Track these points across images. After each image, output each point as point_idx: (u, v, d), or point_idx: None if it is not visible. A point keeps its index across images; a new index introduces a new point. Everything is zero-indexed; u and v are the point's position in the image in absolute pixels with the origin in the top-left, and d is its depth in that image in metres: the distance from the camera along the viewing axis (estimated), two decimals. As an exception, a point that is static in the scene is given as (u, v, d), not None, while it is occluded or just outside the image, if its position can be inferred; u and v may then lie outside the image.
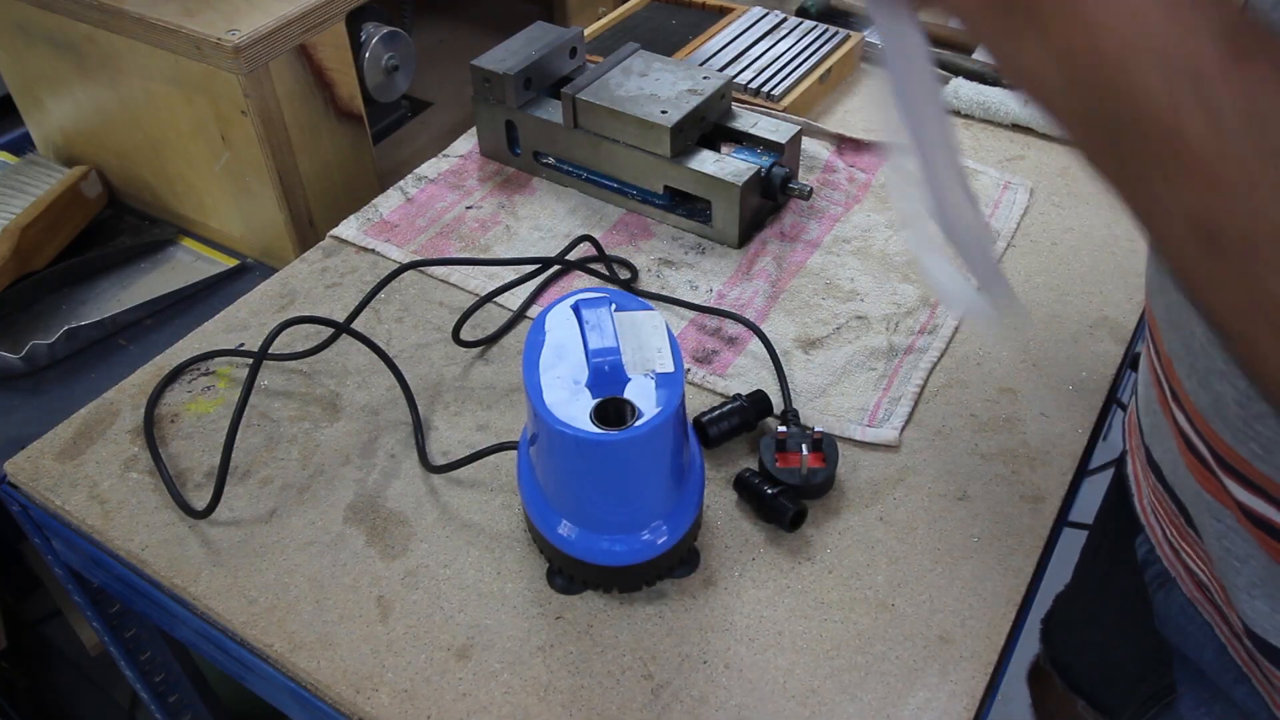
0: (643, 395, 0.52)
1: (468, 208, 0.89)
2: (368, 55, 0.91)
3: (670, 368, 0.54)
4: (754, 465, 0.66)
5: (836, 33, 1.05)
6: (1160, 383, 0.54)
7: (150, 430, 0.69)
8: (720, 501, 0.65)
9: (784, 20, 1.07)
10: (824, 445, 0.65)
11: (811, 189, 0.85)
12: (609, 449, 0.51)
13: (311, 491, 0.66)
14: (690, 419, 0.63)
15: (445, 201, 0.90)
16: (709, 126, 0.87)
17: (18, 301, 0.87)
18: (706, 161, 0.83)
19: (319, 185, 0.89)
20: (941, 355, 0.75)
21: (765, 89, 0.97)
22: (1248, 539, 0.48)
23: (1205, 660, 0.60)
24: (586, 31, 1.03)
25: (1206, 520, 0.52)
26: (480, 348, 0.76)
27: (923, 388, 0.72)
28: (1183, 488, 0.55)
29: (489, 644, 0.57)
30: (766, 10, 1.09)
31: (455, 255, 0.84)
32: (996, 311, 0.47)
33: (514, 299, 0.80)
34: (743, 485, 0.64)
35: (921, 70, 0.44)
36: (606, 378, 0.53)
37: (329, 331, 0.75)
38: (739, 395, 0.69)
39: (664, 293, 0.80)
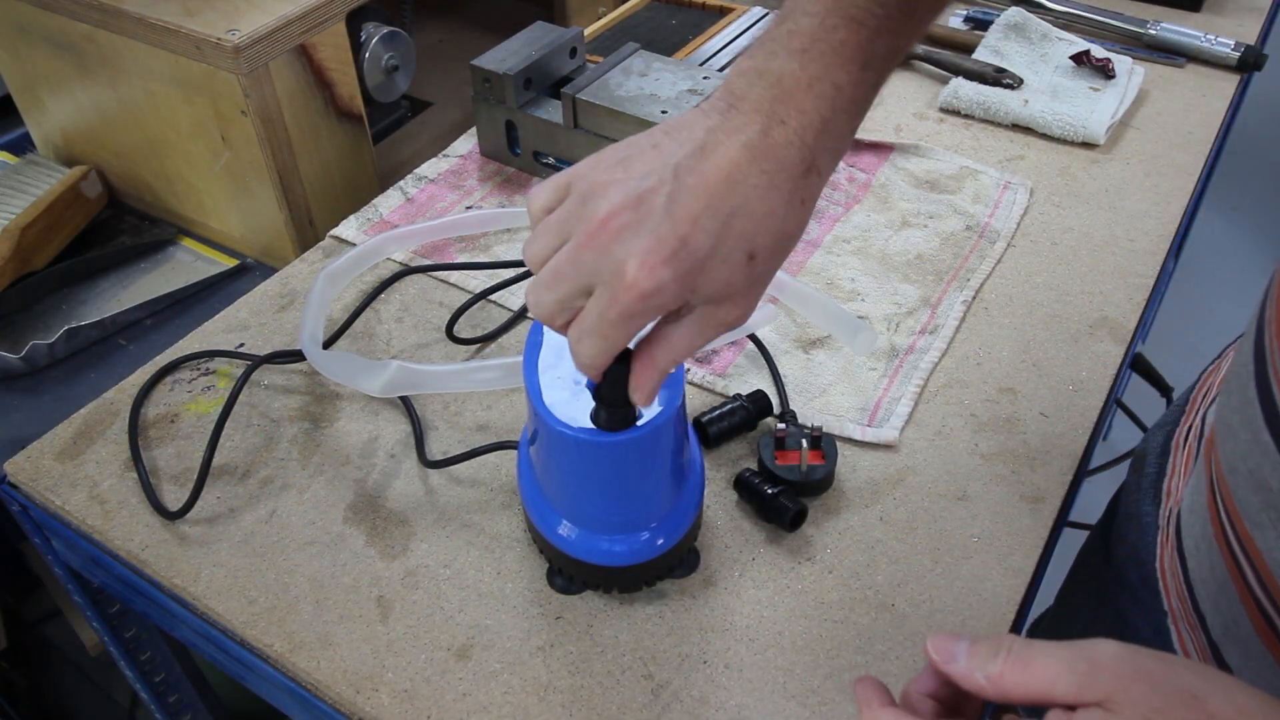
0: (643, 395, 0.52)
1: (468, 208, 0.89)
2: (368, 55, 0.91)
3: (670, 368, 0.54)
4: (754, 465, 0.66)
5: (836, 33, 1.05)
6: (1221, 522, 0.50)
7: (134, 430, 0.69)
8: (720, 501, 0.65)
9: (784, 20, 1.07)
10: (823, 442, 0.65)
11: (811, 189, 0.85)
12: (609, 450, 0.51)
13: (311, 491, 0.66)
14: (690, 419, 0.63)
15: (445, 201, 0.90)
16: (709, 126, 0.87)
17: (18, 301, 0.87)
18: (706, 161, 0.83)
19: (319, 185, 0.89)
20: (942, 355, 0.74)
21: (765, 89, 0.97)
22: None
23: None
24: (586, 31, 1.03)
25: (1238, 658, 0.49)
26: (477, 345, 0.76)
27: (923, 388, 0.72)
28: (1224, 618, 0.51)
29: (489, 644, 0.57)
30: (766, 10, 1.09)
31: (455, 255, 0.84)
32: None
33: (515, 300, 0.80)
34: (743, 485, 0.64)
35: None
36: (607, 378, 0.53)
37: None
38: (739, 395, 0.69)
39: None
